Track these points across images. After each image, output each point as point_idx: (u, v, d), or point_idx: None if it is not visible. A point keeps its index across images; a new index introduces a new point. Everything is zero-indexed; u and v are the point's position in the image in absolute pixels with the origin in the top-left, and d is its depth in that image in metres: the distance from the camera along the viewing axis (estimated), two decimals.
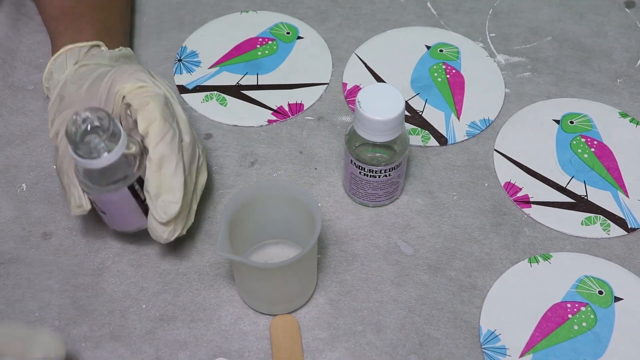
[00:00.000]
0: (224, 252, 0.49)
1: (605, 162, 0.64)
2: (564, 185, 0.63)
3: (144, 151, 0.53)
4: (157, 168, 0.52)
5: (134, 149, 0.53)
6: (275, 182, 0.55)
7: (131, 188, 0.53)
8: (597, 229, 0.60)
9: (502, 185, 0.63)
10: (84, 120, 0.49)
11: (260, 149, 0.65)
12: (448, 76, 0.70)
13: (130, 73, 0.55)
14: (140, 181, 0.54)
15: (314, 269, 0.56)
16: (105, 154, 0.50)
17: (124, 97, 0.54)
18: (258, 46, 0.73)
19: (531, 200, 0.62)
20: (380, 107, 0.54)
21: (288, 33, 0.74)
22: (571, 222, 0.61)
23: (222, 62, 0.71)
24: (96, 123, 0.49)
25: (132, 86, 0.54)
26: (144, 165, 0.53)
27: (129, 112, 0.54)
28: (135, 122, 0.53)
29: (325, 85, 0.70)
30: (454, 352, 0.54)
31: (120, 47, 0.64)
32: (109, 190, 0.52)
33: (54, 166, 0.62)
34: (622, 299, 0.56)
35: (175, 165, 0.52)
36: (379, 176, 0.58)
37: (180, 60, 0.72)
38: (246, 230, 0.56)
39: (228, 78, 0.70)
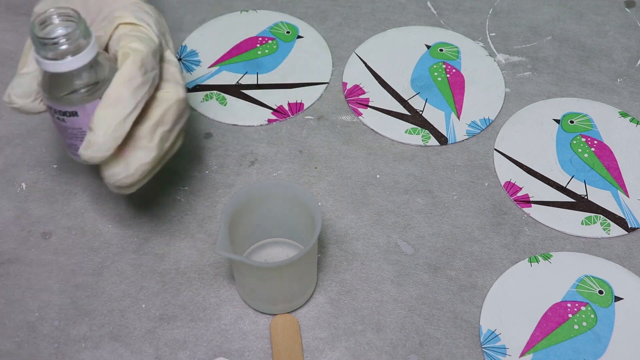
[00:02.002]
0: (223, 252, 0.49)
1: (605, 162, 0.64)
2: (564, 185, 0.63)
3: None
4: (109, 106, 0.47)
5: (106, 66, 0.48)
6: (275, 182, 0.55)
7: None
8: (597, 229, 0.60)
9: (502, 184, 0.63)
10: (50, 17, 0.46)
11: (260, 149, 0.65)
12: (448, 75, 0.70)
13: (133, 2, 0.51)
14: None
15: (314, 269, 0.56)
16: (69, 57, 0.46)
17: (117, 26, 0.49)
18: (258, 45, 0.72)
19: (531, 199, 0.62)
20: None
21: (288, 32, 0.74)
22: (571, 221, 0.61)
23: (222, 61, 0.71)
24: (63, 20, 0.46)
25: (130, 17, 0.49)
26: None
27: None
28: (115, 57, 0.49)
29: (325, 85, 0.70)
30: (454, 352, 0.54)
31: None
32: (63, 102, 0.48)
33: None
34: (622, 299, 0.56)
35: (128, 114, 0.47)
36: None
37: (180, 59, 0.72)
38: (246, 230, 0.56)
39: (228, 77, 0.70)
